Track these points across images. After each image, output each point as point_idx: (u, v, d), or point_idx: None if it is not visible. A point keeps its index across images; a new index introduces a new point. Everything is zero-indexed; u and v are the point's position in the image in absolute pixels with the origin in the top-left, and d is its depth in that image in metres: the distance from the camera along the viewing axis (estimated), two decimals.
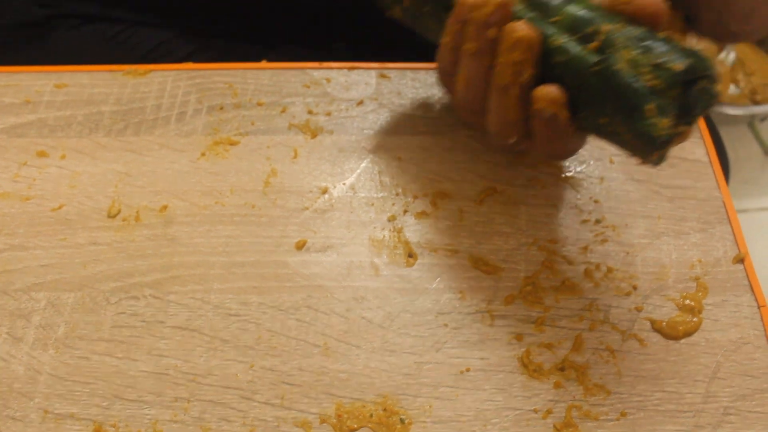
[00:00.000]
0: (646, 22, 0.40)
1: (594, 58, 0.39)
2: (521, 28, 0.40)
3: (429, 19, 0.47)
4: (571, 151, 0.45)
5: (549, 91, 0.40)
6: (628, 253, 0.48)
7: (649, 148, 0.39)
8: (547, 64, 0.41)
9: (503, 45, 0.41)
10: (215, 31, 0.69)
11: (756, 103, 1.29)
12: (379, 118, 0.54)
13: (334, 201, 0.50)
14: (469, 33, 0.42)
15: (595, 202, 0.50)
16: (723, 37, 0.56)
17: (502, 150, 0.52)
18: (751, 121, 1.34)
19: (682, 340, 0.45)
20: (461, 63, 0.44)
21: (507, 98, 0.42)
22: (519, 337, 0.45)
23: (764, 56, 1.36)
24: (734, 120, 1.28)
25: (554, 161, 0.51)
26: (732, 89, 1.32)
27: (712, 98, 0.40)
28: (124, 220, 0.49)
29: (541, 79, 0.41)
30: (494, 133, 0.45)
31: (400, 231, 0.49)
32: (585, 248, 0.48)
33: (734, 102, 1.29)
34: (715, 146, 0.54)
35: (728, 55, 1.35)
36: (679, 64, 0.37)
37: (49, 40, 0.66)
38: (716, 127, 0.73)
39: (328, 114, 0.54)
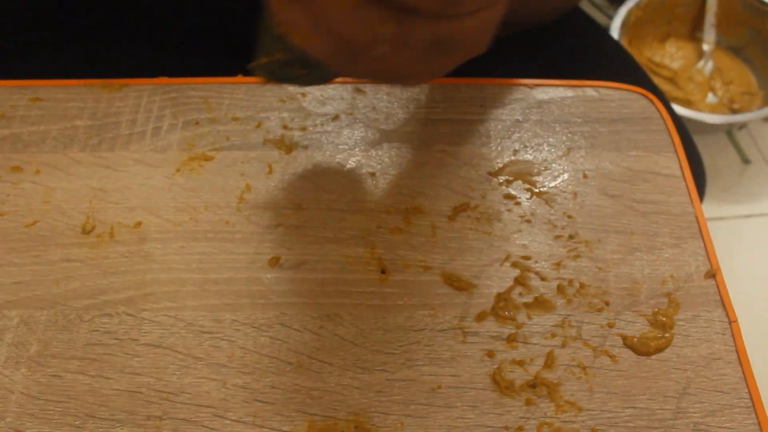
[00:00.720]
0: None
1: None
2: None
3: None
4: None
5: None
6: (600, 268, 0.48)
7: None
8: None
9: None
10: (192, 47, 0.69)
11: (734, 111, 1.30)
12: (354, 132, 0.54)
13: (307, 217, 0.50)
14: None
15: (569, 217, 0.50)
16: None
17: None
18: (729, 130, 1.35)
19: (654, 356, 0.45)
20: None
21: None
22: (491, 354, 0.45)
23: (742, 65, 1.38)
24: (712, 128, 1.29)
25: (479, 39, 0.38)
26: (710, 98, 1.33)
27: None
28: (98, 236, 0.49)
29: None
30: (392, 43, 0.36)
31: (373, 247, 0.49)
32: (558, 264, 0.48)
33: (712, 110, 1.30)
34: (691, 155, 0.54)
35: (706, 64, 1.36)
36: None
37: (25, 66, 0.65)
38: (691, 137, 0.74)
39: (304, 129, 0.54)
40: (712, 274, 0.48)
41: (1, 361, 0.44)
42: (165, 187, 0.51)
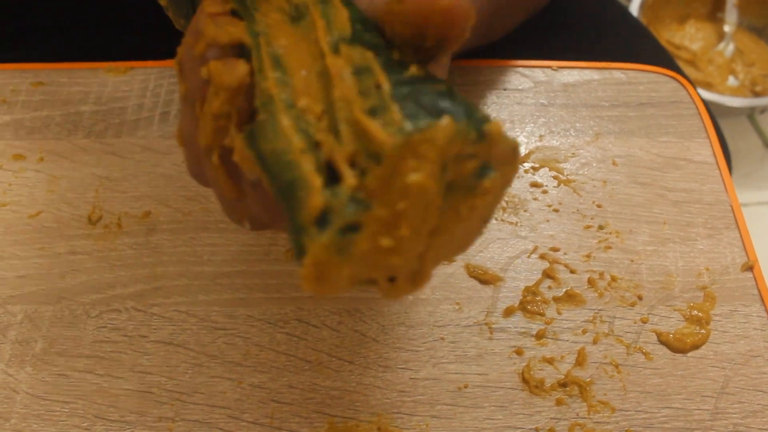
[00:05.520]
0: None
1: None
2: (231, 69, 0.28)
3: None
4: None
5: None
6: (632, 260, 0.46)
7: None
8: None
9: (210, 89, 0.28)
10: None
11: (756, 94, 1.27)
12: None
13: None
14: (183, 69, 0.31)
15: (598, 206, 0.48)
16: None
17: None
18: (750, 113, 1.32)
19: (690, 353, 0.43)
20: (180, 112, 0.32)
21: (212, 165, 0.29)
22: (519, 351, 0.43)
23: (764, 46, 1.34)
24: (733, 112, 1.26)
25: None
26: (731, 80, 1.30)
27: None
28: (105, 227, 0.47)
29: None
30: (226, 213, 0.33)
31: None
32: (588, 256, 0.46)
33: (733, 93, 1.27)
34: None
35: (727, 46, 1.32)
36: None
37: (24, 52, 0.63)
38: (717, 121, 0.71)
39: None
40: (750, 266, 0.46)
41: (5, 360, 0.42)
42: (174, 175, 0.49)
